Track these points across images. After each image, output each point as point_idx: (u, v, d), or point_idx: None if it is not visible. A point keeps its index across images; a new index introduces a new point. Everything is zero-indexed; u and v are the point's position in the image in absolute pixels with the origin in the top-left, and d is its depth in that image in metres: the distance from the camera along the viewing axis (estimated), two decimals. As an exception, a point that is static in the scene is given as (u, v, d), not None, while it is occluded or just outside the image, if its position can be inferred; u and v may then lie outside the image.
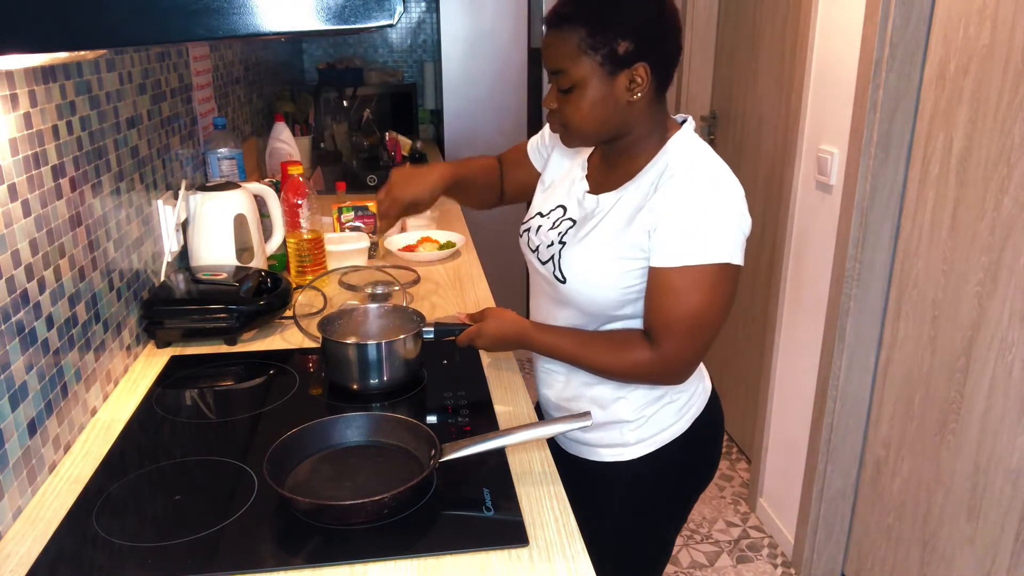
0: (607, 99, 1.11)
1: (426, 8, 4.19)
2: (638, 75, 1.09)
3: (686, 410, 1.27)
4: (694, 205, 1.09)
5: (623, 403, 1.24)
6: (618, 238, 1.14)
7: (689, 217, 1.08)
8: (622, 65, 1.09)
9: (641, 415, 1.24)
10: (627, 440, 1.25)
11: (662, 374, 1.18)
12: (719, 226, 1.09)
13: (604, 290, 1.16)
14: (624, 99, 1.11)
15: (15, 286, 1.03)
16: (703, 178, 1.11)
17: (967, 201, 1.64)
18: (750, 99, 2.68)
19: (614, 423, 1.25)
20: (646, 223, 1.11)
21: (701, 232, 1.08)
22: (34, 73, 1.10)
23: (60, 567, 0.91)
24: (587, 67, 1.09)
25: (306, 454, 1.08)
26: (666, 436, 1.25)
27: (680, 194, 1.09)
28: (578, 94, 1.11)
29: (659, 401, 1.24)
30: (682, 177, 1.11)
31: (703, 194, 1.09)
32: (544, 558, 0.92)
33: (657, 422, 1.25)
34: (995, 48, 1.54)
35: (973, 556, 1.67)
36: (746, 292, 2.79)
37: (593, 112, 1.12)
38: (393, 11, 0.71)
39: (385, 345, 1.29)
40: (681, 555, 2.35)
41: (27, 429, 1.04)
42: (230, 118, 2.37)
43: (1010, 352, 1.54)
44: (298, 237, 1.86)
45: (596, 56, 1.08)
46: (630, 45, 1.07)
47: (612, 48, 1.07)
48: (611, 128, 1.15)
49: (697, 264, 1.08)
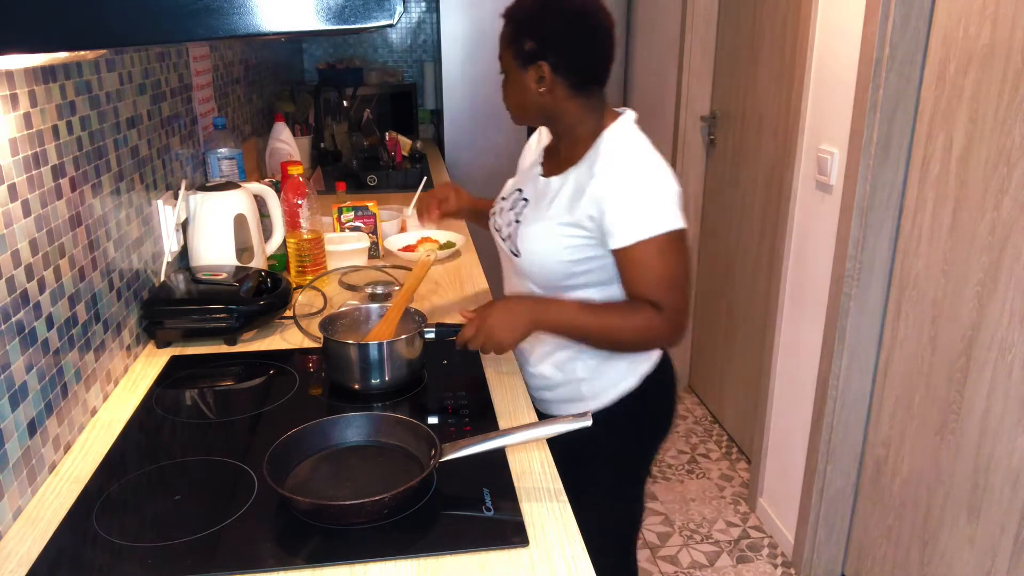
0: (521, 88, 1.31)
1: (426, 8, 4.19)
2: (542, 72, 1.28)
3: (636, 366, 1.39)
4: (632, 187, 1.25)
5: (578, 362, 1.39)
6: (563, 217, 1.29)
7: (631, 198, 1.24)
8: (527, 61, 1.28)
9: (594, 372, 1.39)
10: (583, 395, 1.40)
11: (671, 330, 1.28)
12: (657, 199, 1.25)
13: (552, 262, 1.32)
14: (535, 90, 1.30)
15: (15, 286, 1.03)
16: (631, 163, 1.27)
17: (967, 201, 1.64)
18: (750, 99, 2.68)
19: (571, 381, 1.40)
20: (588, 208, 1.26)
21: (645, 209, 1.24)
22: (34, 73, 1.10)
23: (60, 567, 0.91)
24: (507, 58, 1.31)
25: (306, 454, 1.08)
26: (619, 391, 1.39)
27: (615, 180, 1.25)
28: (506, 81, 1.34)
29: (610, 359, 1.38)
30: (614, 164, 1.27)
31: (635, 176, 1.25)
32: (544, 558, 0.92)
33: (609, 377, 1.39)
34: (995, 48, 1.54)
35: (973, 556, 1.67)
36: (746, 292, 2.79)
37: (513, 97, 1.34)
38: (393, 11, 0.71)
39: (387, 345, 1.29)
40: (681, 555, 2.35)
41: (27, 429, 1.04)
42: (230, 118, 2.37)
43: (1010, 352, 1.54)
44: (298, 237, 1.86)
45: (511, 50, 1.29)
46: (533, 45, 1.27)
47: (520, 46, 1.28)
48: (531, 112, 1.34)
49: (651, 236, 1.23)
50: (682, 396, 3.34)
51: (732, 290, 2.91)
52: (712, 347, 3.14)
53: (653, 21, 3.35)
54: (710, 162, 3.06)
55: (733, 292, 2.91)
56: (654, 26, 3.34)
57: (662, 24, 3.23)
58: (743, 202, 2.77)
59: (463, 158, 3.55)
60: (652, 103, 3.42)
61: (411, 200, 2.37)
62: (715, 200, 3.03)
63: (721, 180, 2.97)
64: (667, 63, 3.19)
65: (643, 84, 3.52)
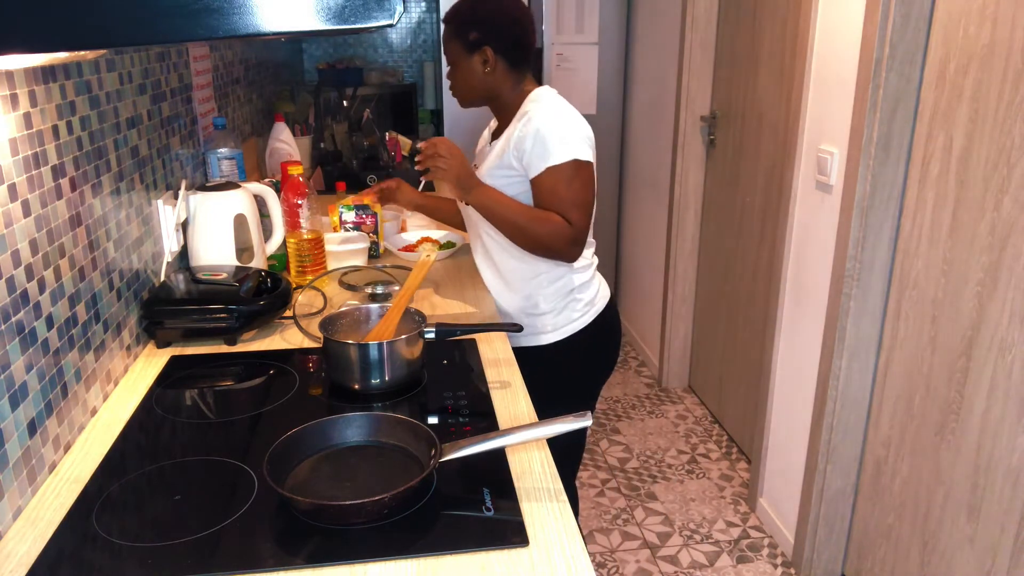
0: (469, 73, 1.63)
1: (426, 8, 4.19)
2: (486, 55, 1.60)
3: (589, 307, 1.69)
4: (543, 127, 1.53)
5: (542, 297, 1.67)
6: (499, 162, 1.61)
7: (542, 135, 1.53)
8: (473, 48, 1.61)
9: (554, 307, 1.67)
10: (545, 327, 1.68)
11: (572, 241, 1.55)
12: (564, 135, 1.53)
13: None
14: (480, 71, 1.62)
15: (15, 286, 1.03)
16: (544, 109, 1.56)
17: (967, 201, 1.64)
18: (750, 99, 2.68)
19: (535, 315, 1.67)
20: (514, 149, 1.57)
21: (553, 143, 1.52)
22: (34, 73, 1.10)
23: (60, 567, 0.91)
24: (454, 51, 1.63)
25: (306, 454, 1.08)
26: (574, 327, 1.68)
27: (531, 124, 1.54)
28: (455, 69, 1.65)
29: (568, 296, 1.67)
30: (536, 111, 1.56)
31: (548, 118, 1.54)
32: (544, 558, 0.92)
33: (567, 315, 1.68)
34: (995, 48, 1.54)
35: (973, 556, 1.67)
36: (746, 292, 2.79)
37: (464, 80, 1.65)
38: (393, 11, 0.71)
39: (387, 345, 1.29)
40: (681, 555, 2.35)
41: (27, 429, 1.04)
42: (230, 118, 2.37)
43: (1010, 352, 1.54)
44: (298, 237, 1.86)
45: (457, 42, 1.61)
46: (477, 34, 1.59)
47: (466, 36, 1.60)
48: (479, 91, 1.65)
49: (557, 164, 1.52)
50: (682, 396, 3.35)
51: (732, 290, 2.91)
52: (712, 347, 3.14)
53: (653, 21, 3.35)
54: (710, 162, 3.06)
55: (733, 292, 2.91)
56: (654, 26, 3.34)
57: (662, 24, 3.23)
58: (743, 202, 2.77)
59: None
60: (652, 103, 3.42)
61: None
62: (715, 200, 3.03)
63: (721, 180, 2.97)
64: (667, 63, 3.19)
65: (643, 84, 3.52)
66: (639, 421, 3.14)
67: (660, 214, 3.38)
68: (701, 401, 3.28)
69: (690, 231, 3.19)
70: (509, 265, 1.68)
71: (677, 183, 3.14)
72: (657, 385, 3.46)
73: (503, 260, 1.69)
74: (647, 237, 3.58)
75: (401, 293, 1.45)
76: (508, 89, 1.65)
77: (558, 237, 1.55)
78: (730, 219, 2.89)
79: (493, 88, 1.64)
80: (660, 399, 3.33)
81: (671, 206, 3.21)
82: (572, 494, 1.92)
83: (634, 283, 3.81)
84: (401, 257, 2.04)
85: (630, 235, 3.84)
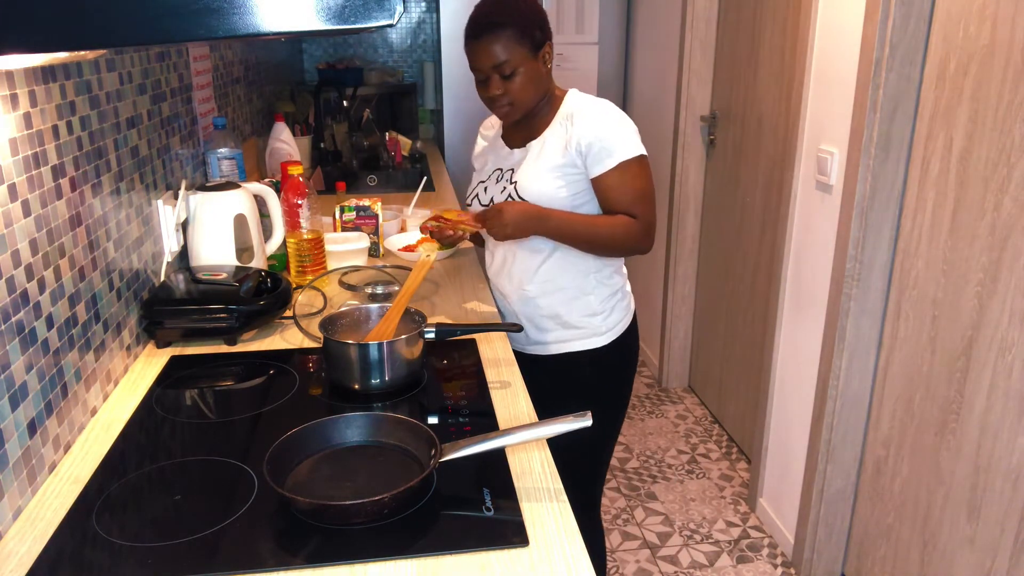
0: (537, 73, 1.54)
1: (426, 8, 4.19)
2: (547, 50, 1.55)
3: (629, 307, 1.70)
4: (606, 126, 1.52)
5: (592, 297, 1.62)
6: (557, 162, 1.55)
7: (607, 135, 1.51)
8: (539, 46, 1.53)
9: (606, 307, 1.64)
10: (599, 329, 1.64)
11: (645, 235, 1.56)
12: (625, 134, 1.53)
13: (559, 201, 1.55)
14: (544, 71, 1.56)
15: (15, 286, 1.03)
16: (603, 109, 1.55)
17: (967, 201, 1.64)
18: (750, 99, 2.68)
19: (588, 315, 1.63)
20: (576, 147, 1.52)
21: (618, 142, 1.51)
22: (34, 73, 1.10)
23: (60, 567, 0.91)
24: (521, 54, 1.50)
25: (306, 454, 1.08)
26: (622, 327, 1.67)
27: (595, 122, 1.52)
28: (519, 78, 1.52)
29: (614, 296, 1.65)
30: (590, 112, 1.54)
31: (608, 118, 1.53)
32: (544, 558, 0.92)
33: (617, 314, 1.66)
34: (995, 48, 1.54)
35: (973, 556, 1.67)
36: (746, 292, 2.79)
37: (531, 85, 1.54)
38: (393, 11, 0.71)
39: (387, 345, 1.29)
40: (681, 555, 2.35)
41: (27, 429, 1.04)
42: (230, 118, 2.37)
43: (1010, 352, 1.54)
44: (298, 237, 1.86)
45: (526, 44, 1.51)
46: (540, 32, 1.52)
47: (533, 36, 1.51)
48: (541, 94, 1.57)
49: (625, 160, 1.51)
50: (682, 396, 3.35)
51: (732, 290, 2.91)
52: (712, 347, 3.14)
53: (653, 21, 3.35)
54: (710, 162, 3.06)
55: (733, 292, 2.91)
56: (654, 26, 3.34)
57: (662, 24, 3.23)
58: (743, 202, 2.77)
59: (463, 158, 3.55)
60: (652, 103, 3.42)
61: (411, 200, 2.37)
62: (715, 200, 3.03)
63: (721, 180, 2.97)
64: (667, 63, 3.19)
65: (643, 84, 3.52)
66: (639, 421, 3.14)
67: (660, 214, 3.38)
68: (701, 401, 3.28)
69: (690, 231, 3.19)
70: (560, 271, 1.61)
71: (677, 183, 3.14)
72: (657, 385, 3.46)
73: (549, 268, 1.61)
74: (647, 237, 3.58)
75: (401, 293, 1.45)
76: (551, 88, 1.60)
77: (631, 236, 1.55)
78: (730, 219, 2.89)
79: (549, 88, 1.59)
80: (660, 399, 3.33)
81: (671, 206, 3.21)
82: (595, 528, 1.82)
83: (634, 283, 3.80)
84: (401, 257, 2.04)
85: (630, 235, 3.83)
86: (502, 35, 1.49)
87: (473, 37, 1.52)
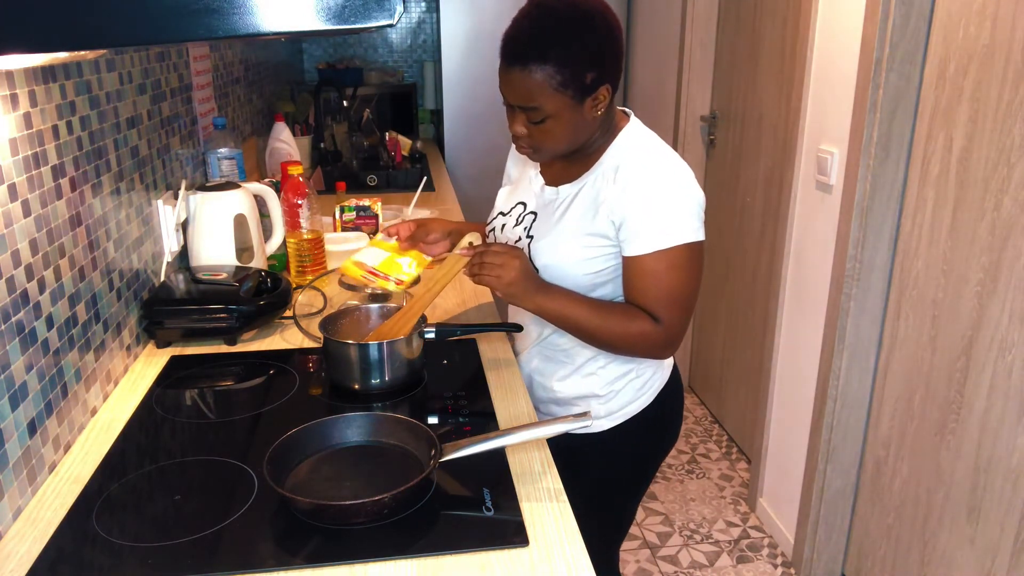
0: (578, 122, 1.21)
1: (426, 8, 4.19)
2: (601, 95, 1.19)
3: (648, 387, 1.38)
4: (655, 195, 1.20)
5: (594, 379, 1.36)
6: (584, 227, 1.25)
7: (653, 207, 1.20)
8: (589, 92, 1.18)
9: (610, 390, 1.36)
10: (598, 413, 1.36)
11: (664, 344, 1.26)
12: (679, 209, 1.21)
13: (575, 274, 1.27)
14: (591, 117, 1.21)
15: (15, 286, 1.03)
16: (657, 168, 1.23)
17: (967, 201, 1.64)
18: (750, 99, 2.68)
19: (586, 397, 1.37)
20: (610, 214, 1.22)
21: (666, 218, 1.20)
22: (34, 73, 1.10)
23: (60, 567, 0.91)
24: (559, 102, 1.16)
25: (306, 454, 1.08)
26: (631, 410, 1.37)
27: (640, 186, 1.20)
28: (551, 124, 1.19)
29: (625, 377, 1.35)
30: (638, 170, 1.22)
31: (660, 183, 1.21)
32: (544, 558, 0.92)
33: (623, 396, 1.36)
34: (995, 48, 1.54)
35: (973, 556, 1.67)
36: (746, 292, 2.79)
37: (566, 135, 1.22)
38: (393, 11, 0.71)
39: (387, 345, 1.29)
40: (681, 555, 2.35)
41: (27, 429, 1.04)
42: (230, 118, 2.37)
43: (1010, 352, 1.54)
44: (298, 237, 1.86)
45: (568, 92, 1.16)
46: (594, 74, 1.16)
47: (581, 81, 1.16)
48: (580, 142, 1.25)
49: (669, 247, 1.20)
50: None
51: (732, 290, 2.91)
52: (712, 347, 3.14)
53: (653, 21, 3.35)
54: (710, 162, 3.06)
55: (733, 292, 2.90)
56: (654, 26, 3.34)
57: (662, 24, 3.23)
58: (743, 202, 2.77)
59: (463, 158, 3.55)
60: (652, 103, 3.42)
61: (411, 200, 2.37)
62: (715, 200, 3.03)
63: (721, 180, 2.97)
64: (667, 63, 3.19)
65: (643, 84, 3.52)
66: (639, 421, 3.14)
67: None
68: (701, 401, 3.28)
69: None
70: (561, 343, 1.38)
71: (677, 183, 3.13)
72: (657, 385, 3.46)
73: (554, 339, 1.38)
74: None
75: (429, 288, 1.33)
76: (604, 127, 1.27)
77: (642, 343, 1.25)
78: (730, 219, 2.89)
79: (594, 132, 1.25)
80: (660, 399, 3.32)
81: (671, 206, 3.21)
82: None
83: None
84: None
85: (630, 235, 3.83)
86: (537, 73, 1.14)
87: (503, 60, 1.18)
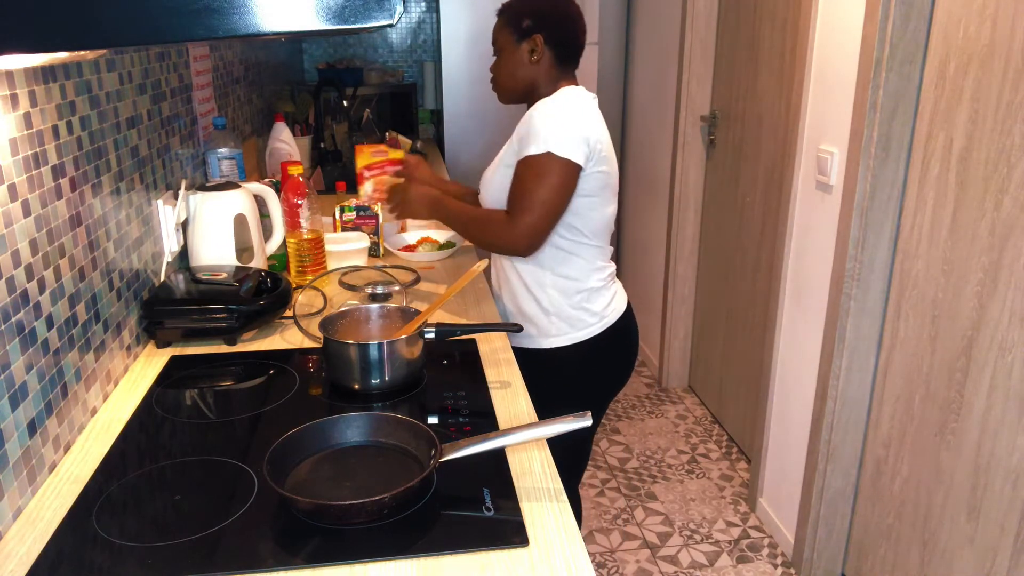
0: (515, 61, 1.60)
1: (426, 8, 4.19)
2: (535, 44, 1.58)
3: (601, 316, 1.65)
4: (537, 118, 1.50)
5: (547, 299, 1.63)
6: (504, 160, 1.59)
7: (535, 124, 1.49)
8: (524, 36, 1.58)
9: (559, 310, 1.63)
10: (550, 331, 1.64)
11: (510, 241, 1.53)
12: (559, 128, 1.48)
13: (495, 193, 1.61)
14: (526, 60, 1.59)
15: (15, 286, 1.03)
16: (550, 103, 1.53)
17: (967, 201, 1.64)
18: (750, 99, 2.68)
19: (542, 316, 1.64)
20: (516, 144, 1.55)
21: (543, 132, 1.47)
22: (34, 73, 1.10)
23: (60, 567, 0.91)
24: (505, 38, 1.60)
25: (306, 454, 1.08)
26: (581, 335, 1.64)
27: (531, 114, 1.52)
28: (499, 61, 1.63)
29: (577, 302, 1.63)
30: (540, 105, 1.54)
31: (546, 110, 1.51)
32: (544, 558, 0.92)
33: (574, 322, 1.63)
34: (995, 48, 1.54)
35: (973, 556, 1.67)
36: (746, 292, 2.79)
37: (508, 70, 1.62)
38: (393, 11, 0.71)
39: (387, 345, 1.29)
40: (681, 555, 2.35)
41: (27, 429, 1.04)
42: (230, 118, 2.37)
43: (1010, 352, 1.54)
44: (298, 237, 1.86)
45: (508, 29, 1.59)
46: (530, 21, 1.57)
47: (519, 24, 1.58)
48: (522, 82, 1.62)
49: (537, 154, 1.47)
50: (682, 396, 3.35)
51: (732, 290, 2.91)
52: (712, 347, 3.14)
53: (653, 21, 3.35)
54: (710, 162, 3.06)
55: (733, 292, 2.90)
56: (654, 26, 3.34)
57: (662, 24, 3.23)
58: (743, 202, 2.77)
59: (463, 158, 3.55)
60: (652, 103, 3.42)
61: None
62: (715, 200, 3.03)
63: (721, 180, 2.97)
64: (667, 63, 3.19)
65: (643, 84, 3.52)
66: (639, 421, 3.14)
67: (660, 214, 3.38)
68: (701, 401, 3.28)
69: (690, 231, 3.19)
70: (521, 266, 1.65)
71: (677, 183, 3.14)
72: (657, 385, 3.46)
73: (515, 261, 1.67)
74: (647, 237, 3.58)
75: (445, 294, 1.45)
76: (547, 84, 1.61)
77: (498, 236, 1.54)
78: (730, 219, 2.89)
79: (534, 80, 1.61)
80: (660, 399, 3.33)
81: (671, 206, 3.21)
82: (576, 501, 1.91)
83: (634, 283, 3.81)
84: (401, 257, 2.04)
85: (630, 235, 3.84)
86: (501, 16, 1.63)
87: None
